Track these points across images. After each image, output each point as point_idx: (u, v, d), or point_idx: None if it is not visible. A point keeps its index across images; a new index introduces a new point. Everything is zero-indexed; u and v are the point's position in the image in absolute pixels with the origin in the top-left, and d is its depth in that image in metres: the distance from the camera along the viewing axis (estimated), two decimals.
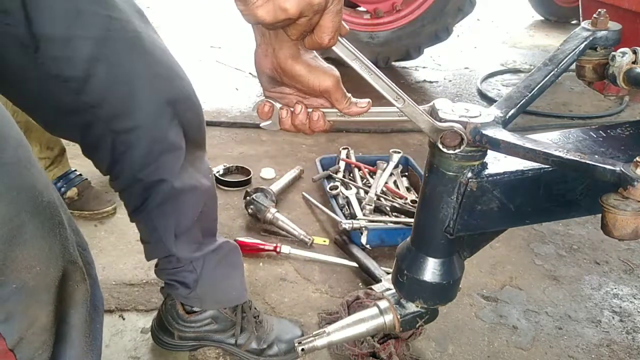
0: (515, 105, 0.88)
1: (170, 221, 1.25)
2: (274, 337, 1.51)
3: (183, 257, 1.31)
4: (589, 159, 0.70)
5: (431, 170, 0.86)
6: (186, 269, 1.34)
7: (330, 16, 0.65)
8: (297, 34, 0.66)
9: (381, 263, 1.82)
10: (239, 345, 1.48)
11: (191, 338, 1.47)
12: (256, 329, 1.50)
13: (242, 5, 0.61)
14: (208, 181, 1.30)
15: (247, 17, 0.63)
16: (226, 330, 1.48)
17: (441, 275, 0.93)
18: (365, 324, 1.02)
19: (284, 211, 2.14)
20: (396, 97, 0.76)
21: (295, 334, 1.54)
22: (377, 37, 3.52)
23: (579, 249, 2.05)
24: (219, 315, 1.46)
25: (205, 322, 1.46)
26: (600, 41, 0.95)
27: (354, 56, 0.72)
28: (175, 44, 4.34)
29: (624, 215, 0.66)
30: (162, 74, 1.11)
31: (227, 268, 1.42)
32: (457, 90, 3.67)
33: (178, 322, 1.45)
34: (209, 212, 1.36)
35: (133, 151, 1.11)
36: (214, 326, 1.47)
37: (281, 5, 0.60)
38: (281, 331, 1.54)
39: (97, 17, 0.97)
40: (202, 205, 1.29)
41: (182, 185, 1.20)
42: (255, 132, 2.87)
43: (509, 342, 1.60)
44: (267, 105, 0.79)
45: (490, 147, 0.80)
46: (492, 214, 0.87)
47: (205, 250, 1.36)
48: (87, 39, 0.97)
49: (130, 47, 1.04)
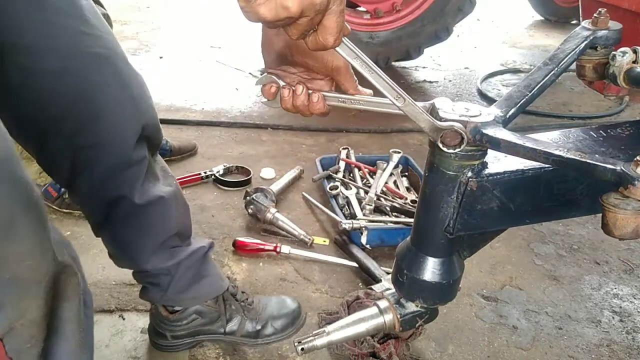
0: (516, 105, 0.88)
1: (139, 238, 1.24)
2: (268, 316, 1.52)
3: (155, 268, 1.30)
4: (590, 158, 0.70)
5: (431, 170, 0.86)
6: (162, 272, 1.33)
7: (333, 16, 0.65)
8: (297, 33, 0.66)
9: (381, 263, 1.82)
10: (233, 332, 1.48)
11: (184, 336, 1.47)
12: (246, 312, 1.49)
13: (244, 3, 0.61)
14: (171, 186, 1.28)
15: (248, 14, 0.63)
16: (214, 321, 1.48)
17: (441, 275, 0.93)
18: (365, 323, 1.02)
19: (284, 211, 2.14)
20: (397, 96, 0.76)
21: (290, 308, 1.55)
22: (377, 37, 3.52)
23: (579, 249, 2.04)
24: (202, 309, 1.46)
25: (190, 318, 1.45)
26: (600, 40, 0.95)
27: (355, 55, 0.72)
28: (175, 44, 4.35)
29: (625, 215, 0.66)
30: (133, 94, 1.10)
31: (199, 268, 1.41)
32: (457, 90, 3.67)
33: (166, 323, 1.45)
34: (182, 218, 1.34)
35: (94, 168, 1.10)
36: (201, 320, 1.46)
37: (283, 4, 0.60)
38: (274, 308, 1.55)
39: (68, 30, 0.97)
40: (172, 214, 1.27)
41: (147, 200, 1.19)
42: (255, 132, 2.88)
43: (509, 342, 1.59)
44: (274, 86, 0.81)
45: (491, 147, 0.80)
46: (492, 214, 0.87)
47: (179, 257, 1.34)
48: (55, 50, 0.96)
49: (100, 64, 1.03)
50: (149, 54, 4.11)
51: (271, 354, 1.50)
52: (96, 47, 1.01)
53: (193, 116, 3.04)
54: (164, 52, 4.13)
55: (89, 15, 1.01)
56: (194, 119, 2.98)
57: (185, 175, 2.34)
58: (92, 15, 1.02)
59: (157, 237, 1.27)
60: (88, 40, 1.00)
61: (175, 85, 3.46)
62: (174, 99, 3.25)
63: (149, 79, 1.18)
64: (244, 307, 1.51)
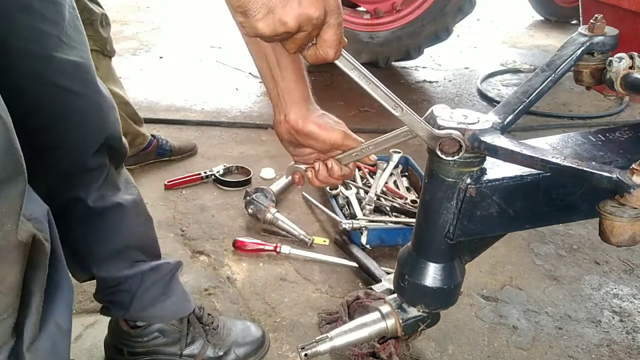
0: (513, 111, 0.89)
1: (93, 242, 1.22)
2: (232, 342, 1.47)
3: (109, 277, 1.28)
4: (586, 165, 0.71)
5: (430, 177, 0.87)
6: (121, 288, 1.30)
7: (332, 30, 0.66)
8: (295, 47, 0.67)
9: (381, 263, 1.83)
10: (193, 355, 1.43)
11: (142, 354, 1.42)
12: (209, 336, 1.45)
13: (243, 18, 0.62)
14: (132, 195, 1.28)
15: (246, 29, 0.64)
16: (176, 342, 1.42)
17: (442, 280, 0.94)
18: (367, 328, 1.03)
19: (284, 211, 2.15)
20: (394, 105, 0.77)
21: (255, 336, 1.50)
22: (377, 37, 3.52)
23: (579, 249, 2.05)
24: (166, 328, 1.41)
25: (152, 336, 1.40)
26: (597, 46, 0.95)
27: (352, 66, 0.73)
28: (175, 44, 4.35)
29: (621, 222, 0.67)
30: (101, 106, 1.13)
31: (165, 286, 1.38)
32: (457, 90, 3.67)
33: (125, 339, 1.40)
34: (142, 229, 1.33)
35: (49, 171, 1.10)
36: (163, 339, 1.41)
37: (281, 19, 0.61)
38: (240, 335, 1.50)
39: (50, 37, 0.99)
40: (130, 223, 1.27)
41: (103, 205, 1.19)
42: (255, 132, 2.88)
43: (509, 342, 1.60)
44: (298, 175, 0.94)
45: (489, 154, 0.80)
46: (492, 219, 0.87)
47: (141, 267, 1.31)
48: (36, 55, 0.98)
49: (75, 72, 1.05)
50: (149, 54, 4.11)
51: (271, 354, 1.52)
52: (74, 56, 1.04)
53: (193, 116, 3.05)
54: (164, 52, 4.13)
55: (69, 27, 1.03)
56: (194, 119, 2.99)
57: (185, 175, 2.34)
58: (72, 27, 1.05)
59: (112, 244, 1.25)
60: (67, 49, 1.02)
61: (175, 85, 3.46)
62: (174, 99, 3.26)
63: (149, 79, 1.19)
64: (208, 331, 1.46)
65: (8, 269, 0.70)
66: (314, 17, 0.62)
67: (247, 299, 1.72)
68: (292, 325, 1.63)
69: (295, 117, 0.87)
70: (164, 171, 2.41)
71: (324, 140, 0.88)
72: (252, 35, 0.65)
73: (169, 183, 2.29)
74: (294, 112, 0.86)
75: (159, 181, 2.31)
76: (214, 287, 1.76)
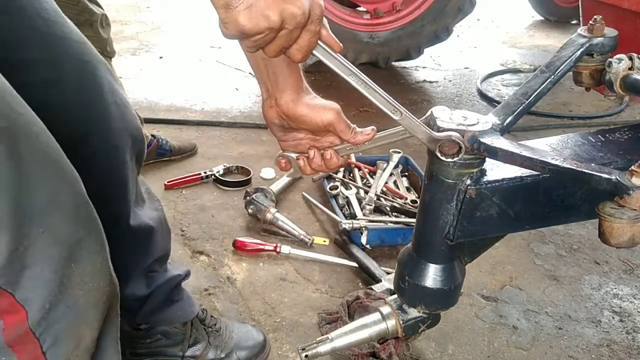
0: (513, 113, 0.89)
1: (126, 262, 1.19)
2: (234, 345, 1.47)
3: (132, 295, 1.28)
4: (585, 167, 0.71)
5: (430, 178, 0.87)
6: (132, 298, 1.30)
7: (308, 35, 0.66)
8: (276, 49, 0.67)
9: (381, 263, 1.83)
10: (195, 357, 1.44)
11: (143, 354, 1.42)
12: (211, 339, 1.45)
13: (224, 11, 0.61)
14: (157, 211, 1.27)
15: (227, 25, 0.62)
16: (178, 344, 1.43)
17: (442, 281, 0.94)
18: (368, 329, 1.03)
19: (284, 211, 2.15)
20: (393, 110, 0.77)
21: (257, 340, 1.50)
22: (377, 37, 3.52)
23: (579, 249, 2.05)
24: (169, 330, 1.42)
25: (155, 337, 1.41)
26: (596, 48, 0.95)
27: (350, 72, 0.73)
28: (175, 44, 4.35)
29: (620, 224, 0.67)
30: (119, 103, 1.08)
31: (171, 293, 1.38)
32: (457, 90, 3.67)
33: (128, 340, 1.39)
34: (164, 243, 1.33)
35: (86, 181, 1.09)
36: (165, 341, 1.42)
37: (264, 12, 0.60)
38: (242, 338, 1.50)
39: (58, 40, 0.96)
40: (157, 240, 1.26)
41: (138, 223, 1.17)
42: (255, 132, 2.88)
43: (509, 342, 1.60)
44: (283, 160, 0.87)
45: (488, 155, 0.81)
46: (492, 220, 0.87)
47: (156, 283, 1.32)
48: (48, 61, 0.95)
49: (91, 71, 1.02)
50: (149, 54, 4.11)
51: (271, 354, 1.52)
52: (84, 55, 1.01)
53: (193, 116, 3.05)
54: (164, 52, 4.13)
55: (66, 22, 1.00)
56: (194, 119, 2.99)
57: (185, 175, 2.34)
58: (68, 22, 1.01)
59: (140, 264, 1.25)
60: (77, 48, 0.99)
61: (175, 85, 3.46)
62: (174, 99, 3.26)
63: (149, 79, 1.18)
64: (210, 333, 1.46)
65: (87, 329, 0.67)
66: (297, 14, 0.62)
67: (247, 299, 1.73)
68: (292, 325, 1.63)
69: (286, 101, 0.81)
70: (164, 171, 2.41)
71: (316, 122, 0.81)
72: (234, 32, 0.63)
73: (169, 183, 2.29)
74: (285, 96, 0.81)
75: (159, 181, 2.31)
76: (214, 287, 1.77)
